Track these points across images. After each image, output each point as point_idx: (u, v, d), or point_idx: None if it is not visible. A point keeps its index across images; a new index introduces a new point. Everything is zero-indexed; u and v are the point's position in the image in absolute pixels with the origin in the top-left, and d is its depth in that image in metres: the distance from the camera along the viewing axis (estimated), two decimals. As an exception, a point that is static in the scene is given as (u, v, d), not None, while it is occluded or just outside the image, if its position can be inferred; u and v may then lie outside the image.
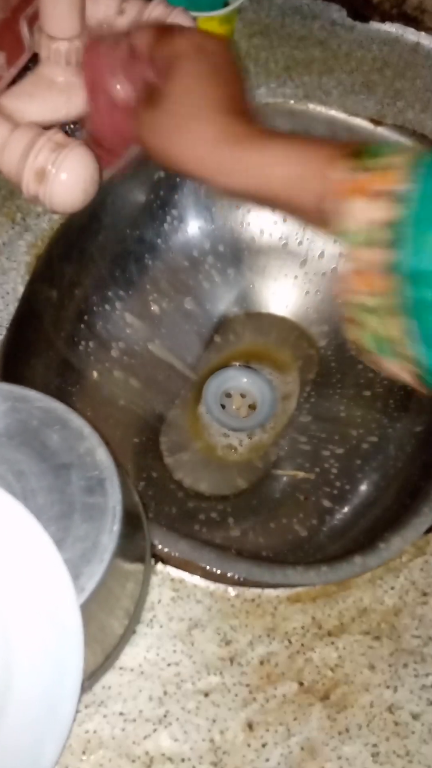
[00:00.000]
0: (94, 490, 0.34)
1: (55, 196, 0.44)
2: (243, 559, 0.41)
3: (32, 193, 0.45)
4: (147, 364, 0.57)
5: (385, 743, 0.36)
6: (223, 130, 0.37)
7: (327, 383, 0.58)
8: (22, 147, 0.44)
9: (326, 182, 0.33)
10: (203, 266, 0.60)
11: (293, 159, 0.35)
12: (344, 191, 0.32)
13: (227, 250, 0.60)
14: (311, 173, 0.34)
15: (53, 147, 0.43)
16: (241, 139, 0.37)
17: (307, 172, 0.35)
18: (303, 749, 0.36)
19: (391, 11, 0.62)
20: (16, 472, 0.34)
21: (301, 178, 0.35)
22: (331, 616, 0.39)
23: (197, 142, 0.37)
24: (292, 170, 0.35)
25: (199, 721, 0.36)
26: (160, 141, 0.39)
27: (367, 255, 0.31)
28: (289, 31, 0.62)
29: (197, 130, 0.37)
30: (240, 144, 0.36)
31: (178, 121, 0.38)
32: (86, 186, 0.44)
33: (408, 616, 0.40)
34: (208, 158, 0.37)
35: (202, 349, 0.59)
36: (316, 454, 0.55)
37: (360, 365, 0.58)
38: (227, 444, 0.56)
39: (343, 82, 0.59)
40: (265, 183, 0.36)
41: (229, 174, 0.37)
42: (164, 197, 0.58)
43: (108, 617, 0.36)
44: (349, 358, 0.58)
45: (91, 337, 0.55)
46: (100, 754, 0.35)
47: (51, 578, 0.32)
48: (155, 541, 0.40)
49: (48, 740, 0.31)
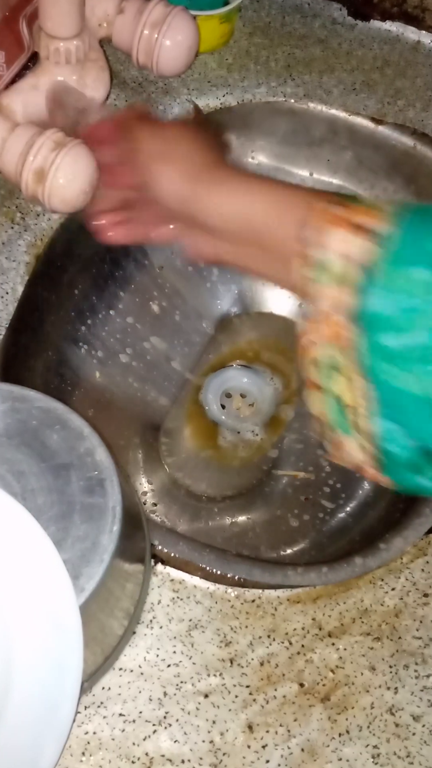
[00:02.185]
0: (93, 490, 0.34)
1: (54, 195, 0.44)
2: (243, 560, 0.41)
3: (31, 192, 0.45)
4: (147, 364, 0.57)
5: (385, 745, 0.36)
6: (200, 162, 0.39)
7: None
8: (21, 146, 0.44)
9: (309, 210, 0.33)
10: (203, 266, 0.60)
11: (274, 195, 0.36)
12: (326, 219, 0.32)
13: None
14: (293, 205, 0.35)
15: (52, 146, 0.43)
16: (221, 177, 0.38)
17: (288, 204, 0.35)
18: (303, 750, 0.36)
19: (391, 10, 0.62)
20: (16, 472, 0.34)
21: (282, 210, 0.35)
22: (331, 617, 0.39)
23: (180, 171, 0.38)
24: (273, 206, 0.36)
25: (199, 723, 0.36)
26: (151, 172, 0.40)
27: (336, 294, 0.31)
28: (289, 29, 0.62)
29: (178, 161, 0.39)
30: (221, 181, 0.38)
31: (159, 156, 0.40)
32: (85, 185, 0.44)
33: (409, 617, 0.39)
34: (191, 185, 0.38)
35: (202, 349, 0.59)
36: (316, 454, 0.55)
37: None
38: (227, 444, 0.56)
39: (343, 81, 0.59)
40: (247, 216, 0.36)
41: (206, 201, 0.38)
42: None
43: (108, 618, 0.36)
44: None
45: (91, 337, 0.55)
46: (100, 755, 0.35)
47: (51, 579, 0.32)
48: (155, 542, 0.40)
49: (47, 741, 0.31)
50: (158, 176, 0.39)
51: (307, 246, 0.32)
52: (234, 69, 0.59)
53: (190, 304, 0.60)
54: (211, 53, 0.59)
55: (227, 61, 0.59)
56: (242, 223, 0.37)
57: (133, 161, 0.41)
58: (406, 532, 0.42)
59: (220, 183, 0.38)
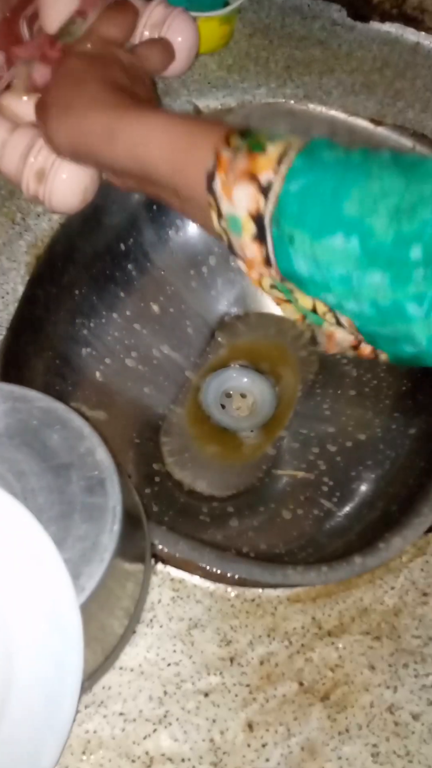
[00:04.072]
0: (94, 490, 0.34)
1: (55, 196, 0.44)
2: (243, 559, 0.41)
3: (32, 193, 0.45)
4: (147, 364, 0.57)
5: (385, 743, 0.36)
6: (102, 102, 0.38)
7: (327, 383, 0.58)
8: (22, 147, 0.44)
9: (214, 157, 0.33)
10: (203, 266, 0.60)
11: (177, 129, 0.35)
12: (232, 172, 0.32)
13: (227, 250, 0.60)
14: (196, 145, 0.34)
15: (53, 147, 0.43)
16: (123, 107, 0.37)
17: (191, 143, 0.35)
18: (303, 749, 0.36)
19: (391, 11, 0.62)
20: (17, 472, 0.34)
21: (185, 150, 0.35)
22: (331, 617, 0.39)
23: (77, 117, 0.38)
24: (174, 140, 0.35)
25: (199, 721, 0.36)
26: (47, 121, 0.40)
27: (249, 247, 0.33)
28: (289, 31, 0.62)
29: (76, 106, 0.38)
30: (121, 111, 0.37)
31: (60, 100, 0.39)
32: (86, 186, 0.44)
33: (408, 616, 0.40)
34: (89, 129, 0.37)
35: (202, 349, 0.59)
36: (316, 453, 0.55)
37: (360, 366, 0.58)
38: (227, 444, 0.56)
39: (343, 82, 0.59)
40: (146, 153, 0.36)
41: (110, 144, 0.37)
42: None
43: (108, 617, 0.36)
44: (350, 358, 0.58)
45: (92, 338, 0.55)
46: (100, 754, 0.35)
47: (51, 578, 0.32)
48: (155, 541, 0.40)
49: (48, 740, 0.31)
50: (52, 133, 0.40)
51: (217, 200, 0.33)
52: (234, 70, 0.59)
53: (191, 304, 0.60)
54: (211, 54, 0.59)
55: (227, 63, 0.60)
56: (142, 160, 0.36)
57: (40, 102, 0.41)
58: (406, 531, 0.42)
59: (122, 115, 0.37)
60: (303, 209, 0.31)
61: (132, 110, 0.37)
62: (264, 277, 0.34)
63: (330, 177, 0.31)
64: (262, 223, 0.32)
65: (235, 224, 0.33)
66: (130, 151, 0.36)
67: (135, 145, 0.36)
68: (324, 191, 0.30)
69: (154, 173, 0.36)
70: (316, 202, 0.31)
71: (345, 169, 0.31)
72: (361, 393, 0.57)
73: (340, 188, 0.30)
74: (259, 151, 0.32)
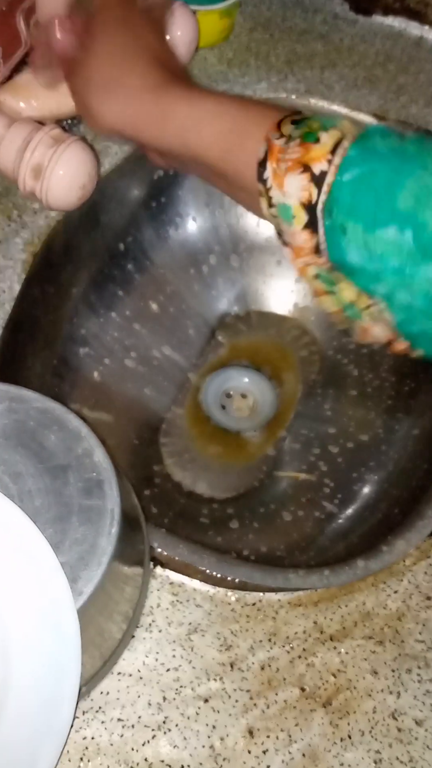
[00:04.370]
0: (92, 492, 0.33)
1: (52, 192, 0.43)
2: (243, 563, 0.41)
3: (29, 189, 0.44)
4: (146, 364, 0.57)
5: (387, 750, 0.36)
6: (152, 82, 0.37)
7: (329, 383, 0.57)
8: (18, 142, 0.43)
9: (264, 145, 0.33)
10: (203, 265, 0.59)
11: (228, 115, 0.35)
12: (284, 162, 0.32)
13: (227, 249, 0.59)
14: (247, 132, 0.34)
15: (50, 143, 0.43)
16: (172, 87, 0.36)
17: (242, 129, 0.34)
18: (304, 756, 0.35)
19: (394, 5, 0.61)
20: (13, 473, 0.34)
21: (236, 137, 0.34)
22: (333, 621, 0.39)
23: (126, 98, 0.37)
24: (225, 126, 0.35)
25: (199, 728, 0.36)
26: (91, 101, 0.38)
27: (299, 235, 0.32)
28: (290, 24, 0.61)
29: (125, 85, 0.37)
30: (171, 93, 0.36)
31: (104, 76, 0.38)
32: (84, 182, 0.43)
33: (411, 620, 0.39)
34: (138, 112, 0.37)
35: (202, 348, 0.59)
36: (317, 455, 0.54)
37: (362, 365, 0.57)
38: (228, 445, 0.56)
39: (345, 77, 0.59)
40: (196, 138, 0.35)
41: (160, 128, 0.36)
42: (163, 195, 0.57)
43: (106, 621, 0.36)
44: (351, 357, 0.57)
45: (89, 337, 0.55)
46: (98, 761, 0.35)
47: (48, 582, 0.31)
48: (154, 544, 0.40)
49: (45, 746, 0.31)
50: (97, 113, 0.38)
51: (267, 188, 0.33)
52: (234, 64, 0.59)
53: (191, 303, 0.59)
54: (211, 48, 0.59)
55: (227, 57, 0.59)
56: (191, 144, 0.35)
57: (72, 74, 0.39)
58: (409, 534, 0.41)
59: (172, 100, 0.36)
60: (356, 200, 0.30)
61: (181, 91, 0.36)
62: (310, 266, 0.33)
63: (384, 168, 0.30)
64: (314, 212, 0.32)
65: (285, 213, 0.33)
66: (181, 136, 0.36)
67: (186, 129, 0.36)
68: (378, 182, 0.30)
69: (203, 157, 0.36)
70: (370, 194, 0.30)
71: (400, 161, 0.30)
72: (363, 393, 0.56)
73: (395, 180, 0.30)
74: (312, 141, 0.32)
